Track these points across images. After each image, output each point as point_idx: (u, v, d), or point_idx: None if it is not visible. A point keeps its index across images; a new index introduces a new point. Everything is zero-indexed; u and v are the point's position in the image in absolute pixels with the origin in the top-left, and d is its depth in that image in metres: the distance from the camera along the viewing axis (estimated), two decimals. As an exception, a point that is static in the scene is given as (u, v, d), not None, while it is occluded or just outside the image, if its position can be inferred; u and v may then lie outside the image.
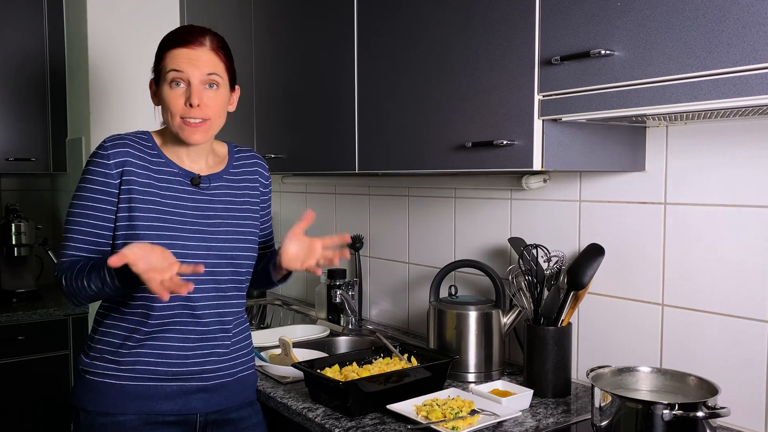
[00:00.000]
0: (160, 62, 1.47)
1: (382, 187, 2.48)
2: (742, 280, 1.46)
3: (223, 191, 1.56)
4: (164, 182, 1.49)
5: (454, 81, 1.59)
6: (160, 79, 1.48)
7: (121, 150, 1.47)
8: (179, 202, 1.49)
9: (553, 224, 1.85)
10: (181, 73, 1.44)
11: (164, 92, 1.46)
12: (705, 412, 1.23)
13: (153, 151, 1.51)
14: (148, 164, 1.49)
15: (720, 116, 1.34)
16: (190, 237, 1.47)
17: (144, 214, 1.45)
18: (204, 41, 1.46)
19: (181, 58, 1.44)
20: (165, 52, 1.46)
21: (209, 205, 1.52)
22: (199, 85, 1.45)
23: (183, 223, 1.47)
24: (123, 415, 1.44)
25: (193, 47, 1.45)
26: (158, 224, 1.45)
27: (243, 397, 1.57)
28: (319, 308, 2.55)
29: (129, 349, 1.45)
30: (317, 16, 2.08)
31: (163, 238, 1.43)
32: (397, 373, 1.62)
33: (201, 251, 1.47)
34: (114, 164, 1.45)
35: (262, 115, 2.39)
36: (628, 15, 1.23)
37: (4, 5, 3.04)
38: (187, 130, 1.46)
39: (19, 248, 3.14)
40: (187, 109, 1.44)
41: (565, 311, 1.68)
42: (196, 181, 1.52)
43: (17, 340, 2.87)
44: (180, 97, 1.45)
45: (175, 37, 1.47)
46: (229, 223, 1.54)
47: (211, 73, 1.46)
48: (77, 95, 3.03)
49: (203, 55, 1.45)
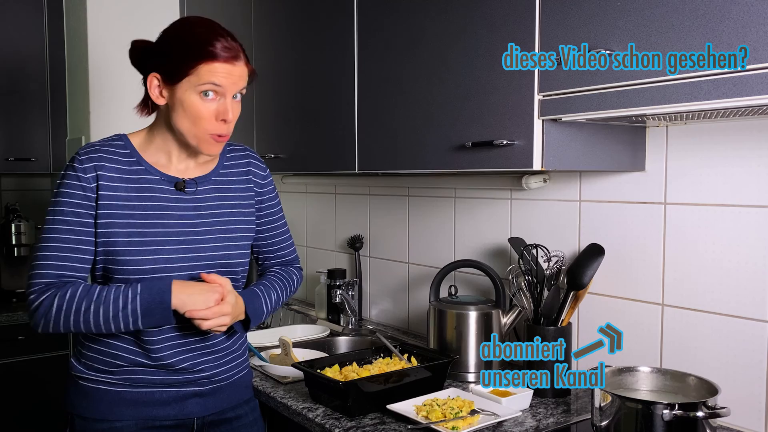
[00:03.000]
0: (188, 68, 1.34)
1: (382, 187, 2.48)
2: (742, 280, 1.46)
3: (212, 194, 1.49)
4: (144, 191, 1.42)
5: (454, 81, 1.59)
6: (179, 80, 1.35)
7: (96, 162, 1.39)
8: (162, 212, 1.42)
9: (553, 224, 1.86)
10: (219, 87, 1.35)
11: (191, 100, 1.35)
12: (705, 412, 1.23)
13: (131, 158, 1.43)
14: (124, 174, 1.41)
15: (720, 116, 1.34)
16: (176, 248, 1.41)
17: (122, 229, 1.38)
18: (239, 54, 1.38)
19: (222, 72, 1.34)
20: (198, 62, 1.33)
21: (196, 211, 1.46)
22: (231, 99, 1.38)
23: (167, 234, 1.41)
24: (119, 421, 1.42)
25: (233, 62, 1.36)
26: (139, 238, 1.38)
27: (239, 397, 1.56)
28: (319, 308, 2.55)
29: (123, 359, 1.42)
30: (317, 16, 2.09)
31: (145, 254, 1.38)
32: (397, 373, 1.62)
33: (188, 262, 1.42)
34: (91, 177, 1.38)
35: (262, 115, 2.39)
36: (628, 15, 1.23)
37: (4, 5, 3.04)
38: (213, 145, 1.40)
39: (19, 248, 3.14)
40: (219, 124, 1.38)
41: (565, 311, 1.68)
42: (180, 185, 1.45)
43: (17, 340, 2.87)
44: (212, 110, 1.36)
45: (213, 49, 1.34)
46: (218, 229, 1.47)
47: (243, 87, 1.40)
48: (77, 95, 3.03)
49: (240, 70, 1.38)
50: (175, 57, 1.35)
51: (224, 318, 1.37)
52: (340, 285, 2.41)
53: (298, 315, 2.71)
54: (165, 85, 1.38)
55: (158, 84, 1.39)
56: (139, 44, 1.44)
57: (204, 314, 1.34)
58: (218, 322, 1.36)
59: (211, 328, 1.37)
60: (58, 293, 1.34)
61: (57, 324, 1.35)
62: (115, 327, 1.34)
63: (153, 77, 1.39)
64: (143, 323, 1.34)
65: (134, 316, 1.33)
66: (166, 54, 1.37)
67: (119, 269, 1.39)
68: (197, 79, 1.34)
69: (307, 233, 2.91)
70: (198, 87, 1.34)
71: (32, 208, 3.45)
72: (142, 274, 1.39)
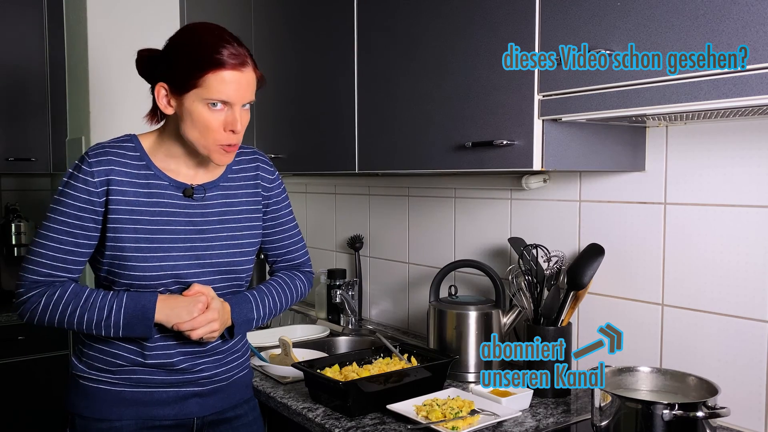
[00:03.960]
0: (195, 77, 1.31)
1: (382, 187, 2.48)
2: (742, 280, 1.46)
3: (219, 200, 1.48)
4: (153, 196, 1.40)
5: (454, 81, 1.59)
6: (186, 91, 1.33)
7: (106, 167, 1.37)
8: (170, 218, 1.41)
9: (553, 224, 1.86)
10: (228, 99, 1.33)
11: (199, 111, 1.33)
12: (705, 412, 1.23)
13: (140, 162, 1.41)
14: (134, 178, 1.39)
15: (720, 116, 1.34)
16: (183, 254, 1.41)
17: (130, 234, 1.37)
18: (246, 60, 1.35)
19: (230, 83, 1.32)
20: (205, 72, 1.31)
21: (203, 218, 1.45)
22: (240, 109, 1.36)
23: (174, 240, 1.40)
24: (119, 421, 1.42)
25: (241, 69, 1.33)
26: (146, 245, 1.38)
27: (239, 396, 1.56)
28: (319, 308, 2.55)
29: (124, 358, 1.42)
30: (317, 16, 2.09)
31: (152, 260, 1.38)
32: (397, 373, 1.62)
33: (195, 268, 1.42)
34: (99, 182, 1.36)
35: (262, 115, 2.39)
36: (628, 15, 1.23)
37: (4, 5, 3.04)
38: (224, 155, 1.38)
39: (19, 248, 3.15)
40: (228, 135, 1.35)
41: (565, 311, 1.68)
42: (189, 192, 1.43)
43: (17, 340, 2.87)
44: (221, 120, 1.34)
45: (220, 57, 1.31)
46: (225, 235, 1.46)
47: (251, 96, 1.38)
48: (77, 95, 3.03)
49: (248, 77, 1.35)
50: (182, 67, 1.33)
51: (212, 324, 1.38)
52: (340, 285, 2.41)
53: (298, 315, 2.71)
54: (172, 95, 1.36)
55: (166, 94, 1.37)
56: (145, 53, 1.42)
57: (190, 325, 1.36)
58: (207, 329, 1.38)
59: (203, 337, 1.38)
60: (47, 292, 1.38)
61: (42, 320, 1.40)
62: (97, 333, 1.39)
63: (160, 87, 1.37)
64: (124, 334, 1.38)
65: (116, 328, 1.37)
66: (173, 64, 1.35)
67: (125, 274, 1.39)
68: (206, 91, 1.31)
69: (307, 233, 2.91)
70: (206, 99, 1.32)
71: (32, 208, 3.45)
72: (149, 280, 1.39)
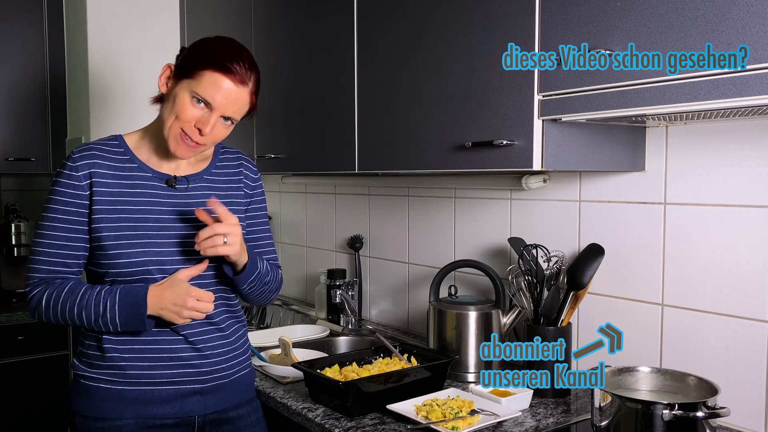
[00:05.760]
0: (196, 69, 1.37)
1: (382, 187, 2.48)
2: (742, 280, 1.46)
3: (203, 192, 1.50)
4: (137, 187, 1.44)
5: (454, 81, 1.59)
6: (184, 78, 1.38)
7: (89, 161, 1.42)
8: (153, 207, 1.44)
9: (552, 224, 1.86)
10: (212, 101, 1.37)
11: (181, 98, 1.38)
12: (705, 412, 1.23)
13: (124, 156, 1.46)
14: (117, 170, 1.44)
15: (720, 116, 1.34)
16: (167, 242, 1.43)
17: (112, 224, 1.41)
18: (248, 81, 1.40)
19: (221, 89, 1.36)
20: (206, 68, 1.36)
21: (186, 207, 1.47)
22: (218, 118, 1.39)
23: (156, 229, 1.43)
24: (120, 420, 1.43)
25: (237, 84, 1.38)
26: (130, 232, 1.40)
27: (240, 396, 1.56)
28: (319, 308, 2.55)
29: (123, 353, 1.43)
30: (317, 16, 2.09)
31: (136, 246, 1.40)
32: (397, 373, 1.62)
33: (180, 255, 1.43)
34: (83, 176, 1.41)
35: (262, 115, 2.38)
36: (628, 15, 1.23)
37: (4, 5, 3.04)
38: (180, 145, 1.40)
39: (19, 248, 3.14)
40: (194, 130, 1.39)
41: (565, 311, 1.68)
42: (171, 182, 1.47)
43: (17, 340, 2.87)
44: (195, 115, 1.38)
45: (225, 63, 1.37)
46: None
47: (237, 113, 1.41)
48: (77, 95, 3.03)
49: (240, 95, 1.39)
50: (191, 57, 1.41)
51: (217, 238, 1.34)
52: (340, 285, 2.41)
53: (298, 315, 2.71)
54: (173, 77, 1.42)
55: (169, 75, 1.44)
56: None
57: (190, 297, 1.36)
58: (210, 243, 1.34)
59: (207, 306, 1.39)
60: (47, 290, 1.41)
61: (48, 317, 1.43)
62: (97, 329, 1.42)
63: (167, 67, 1.44)
64: (122, 329, 1.40)
65: (113, 325, 1.39)
66: (188, 52, 1.44)
67: (111, 263, 1.41)
68: (196, 84, 1.37)
69: (307, 233, 2.91)
70: (193, 92, 1.37)
71: (32, 208, 3.44)
72: (133, 267, 1.40)
